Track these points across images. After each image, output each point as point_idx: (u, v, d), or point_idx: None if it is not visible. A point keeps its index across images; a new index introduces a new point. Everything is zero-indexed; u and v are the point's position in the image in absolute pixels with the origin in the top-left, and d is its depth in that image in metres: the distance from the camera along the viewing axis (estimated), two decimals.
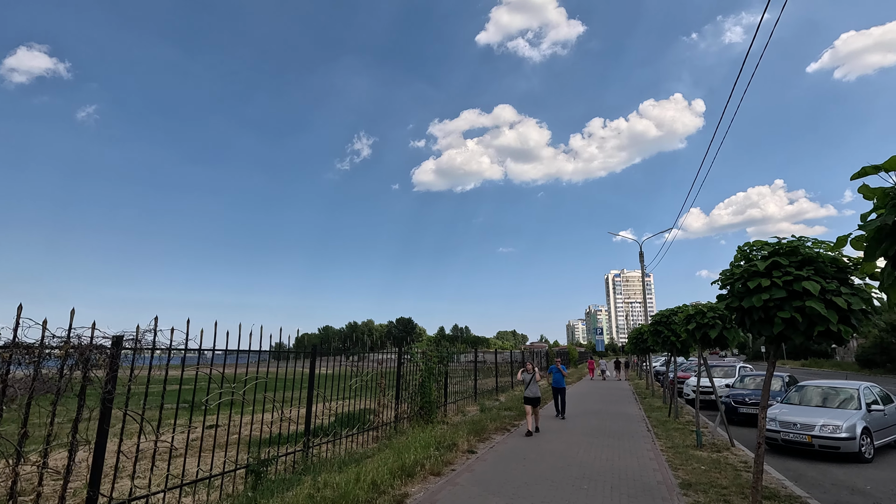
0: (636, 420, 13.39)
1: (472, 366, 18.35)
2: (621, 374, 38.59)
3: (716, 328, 9.53)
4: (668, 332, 13.38)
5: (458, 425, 11.18)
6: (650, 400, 19.00)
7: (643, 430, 11.56)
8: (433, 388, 11.82)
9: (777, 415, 10.12)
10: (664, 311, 13.69)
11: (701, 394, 18.33)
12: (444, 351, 12.78)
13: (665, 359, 39.89)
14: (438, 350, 12.50)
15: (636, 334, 22.09)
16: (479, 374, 20.29)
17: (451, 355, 13.50)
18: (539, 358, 32.42)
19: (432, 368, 11.87)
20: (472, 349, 25.99)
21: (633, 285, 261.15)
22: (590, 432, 11.26)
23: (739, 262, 6.04)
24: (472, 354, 24.90)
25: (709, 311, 9.80)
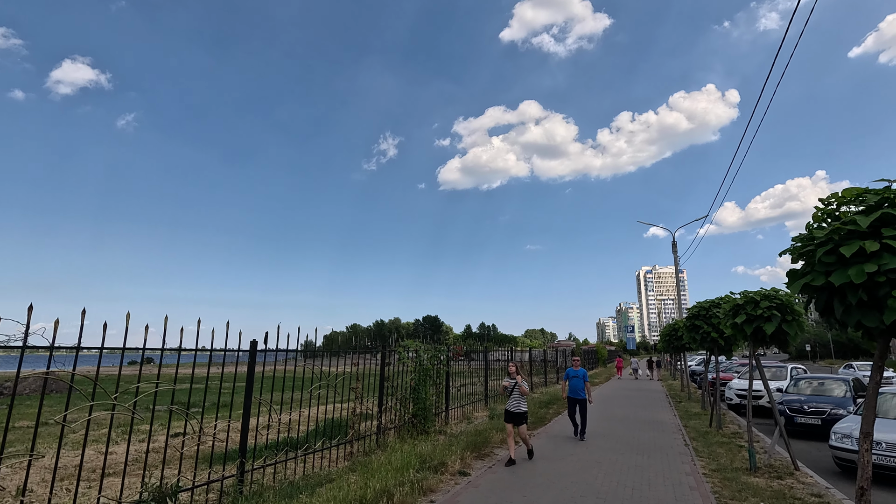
0: (670, 430, 11.43)
1: (489, 366, 16.67)
2: (654, 374, 36.09)
3: (773, 321, 7.57)
4: (707, 328, 11.36)
5: (457, 437, 9.53)
6: (686, 405, 16.86)
7: (679, 445, 9.63)
8: (429, 391, 10.20)
9: (853, 430, 8.06)
10: (703, 302, 11.66)
11: (743, 398, 16.15)
12: (443, 349, 11.14)
13: (703, 358, 37.15)
14: (437, 348, 10.88)
15: (669, 331, 19.90)
16: (492, 374, 18.57)
17: (468, 351, 11.84)
18: (563, 357, 30.33)
19: (428, 370, 10.26)
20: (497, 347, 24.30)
21: (665, 281, 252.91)
22: (614, 447, 9.42)
23: (824, 219, 4.19)
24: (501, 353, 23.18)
25: (762, 299, 7.83)
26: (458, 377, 13.26)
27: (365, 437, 8.11)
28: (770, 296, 7.90)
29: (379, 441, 8.35)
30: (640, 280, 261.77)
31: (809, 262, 4.10)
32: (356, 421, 7.80)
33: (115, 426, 9.02)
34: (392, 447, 8.18)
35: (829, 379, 13.33)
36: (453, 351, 19.84)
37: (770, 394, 8.21)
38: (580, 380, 10.34)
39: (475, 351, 26.30)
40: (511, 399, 8.13)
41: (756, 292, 8.05)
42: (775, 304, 7.73)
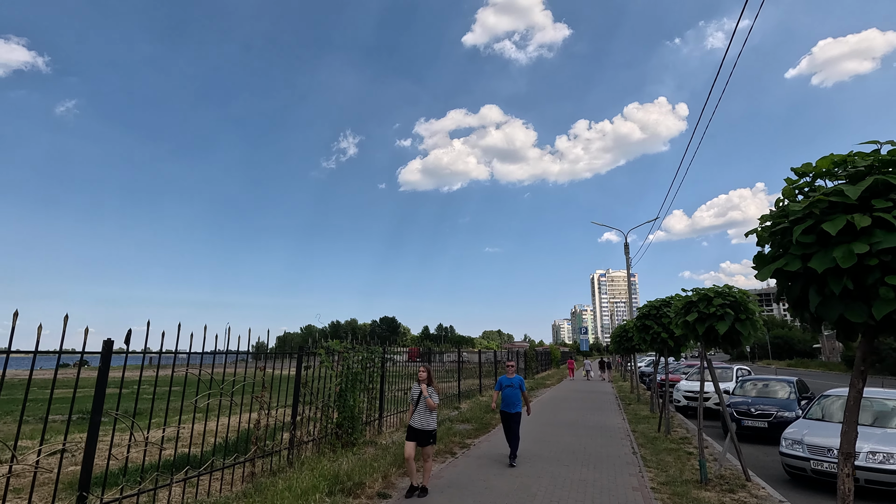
0: (619, 436, 10.85)
1: (455, 366, 15.75)
2: (606, 375, 36.35)
3: (726, 320, 7.00)
4: (657, 328, 10.86)
5: (388, 449, 8.51)
6: (635, 407, 16.52)
7: (627, 454, 8.99)
8: (359, 398, 9.11)
9: (804, 435, 7.63)
10: (654, 301, 11.18)
11: (692, 400, 15.96)
12: (376, 351, 10.07)
13: (652, 359, 37.73)
14: (370, 350, 9.80)
15: (620, 332, 19.64)
16: (446, 376, 17.63)
17: (389, 355, 10.78)
18: (517, 359, 29.82)
19: (358, 374, 9.17)
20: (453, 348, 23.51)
21: (618, 285, 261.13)
22: (558, 457, 8.66)
23: (799, 190, 3.47)
24: (463, 354, 22.20)
25: (716, 296, 7.26)
26: (405, 380, 12.19)
27: (272, 454, 6.93)
28: (723, 293, 7.34)
29: (291, 457, 7.18)
30: (595, 283, 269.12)
31: (782, 243, 3.36)
32: (260, 435, 6.61)
33: None
34: (307, 464, 7.05)
35: (773, 380, 13.20)
36: (409, 352, 18.87)
37: (722, 398, 7.66)
38: (515, 389, 8.44)
39: (432, 352, 25.27)
40: (416, 413, 6.41)
41: (709, 289, 7.48)
42: (728, 302, 7.16)
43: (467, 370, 20.45)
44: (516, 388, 8.46)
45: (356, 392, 9.00)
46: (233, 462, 6.19)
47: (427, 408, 6.38)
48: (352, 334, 10.92)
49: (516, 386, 8.47)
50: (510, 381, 8.55)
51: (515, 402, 8.43)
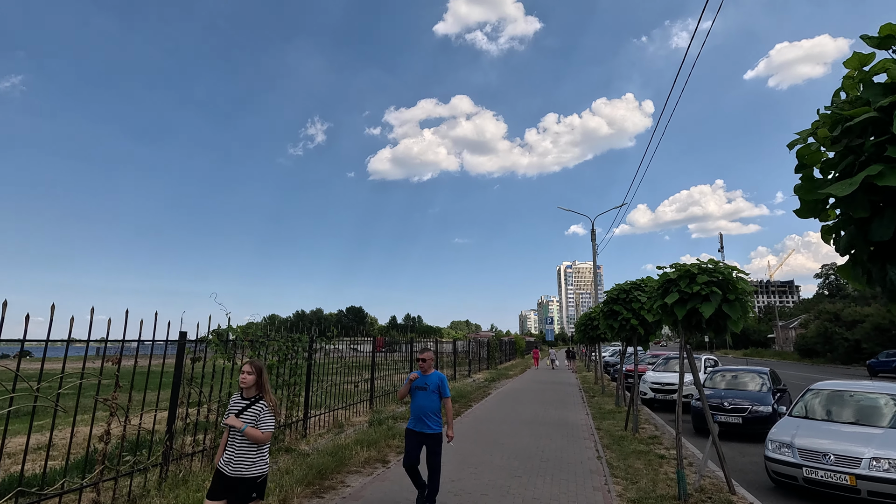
0: (582, 435, 9.63)
1: (404, 360, 14.21)
2: (570, 364, 35.83)
3: (712, 301, 5.74)
4: (627, 314, 9.65)
5: (306, 457, 6.97)
6: (600, 400, 15.49)
7: (591, 458, 7.74)
8: (277, 395, 7.50)
9: (793, 437, 6.52)
10: (623, 284, 9.96)
11: (659, 392, 15.05)
12: (303, 338, 8.44)
13: (619, 349, 37.33)
14: (292, 338, 8.17)
15: (585, 320, 18.59)
16: (399, 367, 16.15)
17: (319, 344, 9.16)
18: (479, 349, 28.65)
19: (273, 366, 7.55)
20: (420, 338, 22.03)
21: (584, 276, 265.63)
22: (510, 465, 7.31)
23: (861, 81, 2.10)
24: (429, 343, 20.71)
25: (700, 272, 6.00)
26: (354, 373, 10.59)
27: (132, 474, 5.25)
28: (708, 269, 6.08)
29: (165, 475, 5.53)
30: (561, 274, 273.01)
31: (863, 150, 1.97)
32: (111, 451, 4.94)
33: None
34: (189, 483, 5.44)
35: (745, 371, 12.32)
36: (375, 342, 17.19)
37: (703, 394, 6.46)
38: (431, 395, 5.19)
39: (397, 342, 23.74)
40: (228, 447, 3.69)
41: (692, 264, 6.21)
42: (715, 280, 5.91)
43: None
44: (432, 394, 5.19)
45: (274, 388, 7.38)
46: (60, 490, 4.50)
47: (250, 440, 3.61)
48: (317, 324, 9.37)
49: (433, 390, 5.19)
50: (424, 381, 5.25)
51: (431, 413, 5.13)
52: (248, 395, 3.80)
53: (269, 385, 3.94)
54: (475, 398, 15.31)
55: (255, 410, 3.68)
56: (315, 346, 9.01)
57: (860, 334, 40.33)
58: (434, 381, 5.29)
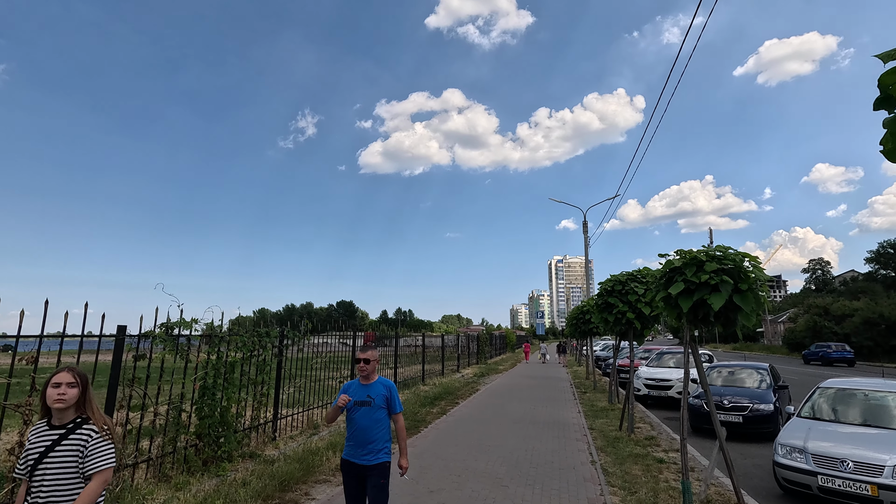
0: (574, 435, 9.03)
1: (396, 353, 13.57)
2: (561, 359, 35.42)
3: (722, 292, 5.11)
4: (622, 306, 9.04)
5: (271, 463, 6.29)
6: (592, 396, 14.94)
7: (584, 463, 7.12)
8: (235, 396, 6.78)
9: (807, 441, 5.94)
10: (619, 275, 9.34)
11: (653, 388, 14.51)
12: (273, 333, 7.70)
13: (610, 343, 36.90)
14: (259, 333, 7.43)
15: (577, 313, 18.04)
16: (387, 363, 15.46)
17: (291, 338, 8.41)
18: (468, 344, 28.04)
19: (235, 364, 6.82)
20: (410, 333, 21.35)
21: (574, 270, 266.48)
22: (496, 471, 6.68)
23: None
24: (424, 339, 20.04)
25: (709, 260, 5.36)
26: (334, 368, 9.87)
27: None
28: (717, 256, 5.45)
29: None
30: (552, 269, 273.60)
31: None
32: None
33: None
34: (120, 501, 4.72)
35: (743, 367, 11.80)
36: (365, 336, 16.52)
37: (708, 392, 5.84)
38: (376, 411, 3.70)
39: (387, 337, 23.09)
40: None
41: (699, 251, 5.57)
42: (726, 268, 5.28)
43: (409, 357, 18.41)
44: (379, 410, 3.69)
45: (231, 389, 6.67)
46: None
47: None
48: (307, 318, 8.67)
49: (379, 404, 3.71)
50: (363, 390, 3.74)
51: (376, 438, 3.65)
52: (63, 419, 2.41)
53: (97, 402, 2.57)
54: (462, 395, 14.68)
55: (75, 444, 2.36)
56: (287, 341, 8.28)
57: (849, 328, 40.36)
58: (380, 391, 3.71)
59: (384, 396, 3.74)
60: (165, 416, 5.75)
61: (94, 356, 4.96)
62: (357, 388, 3.76)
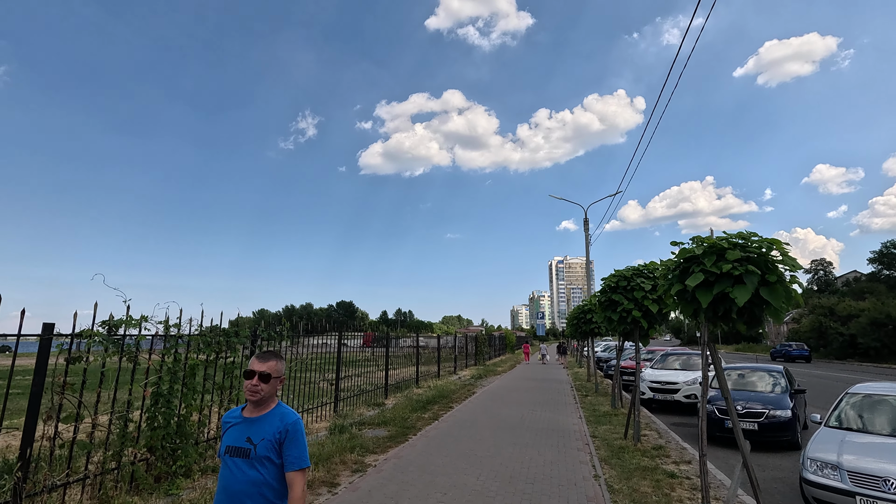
0: (575, 444, 8.31)
1: (383, 356, 12.73)
2: (562, 360, 34.70)
3: (747, 284, 4.39)
4: (628, 303, 8.31)
5: None
6: (594, 400, 14.21)
7: (587, 477, 6.40)
8: (198, 402, 6.07)
9: (841, 456, 5.21)
10: (624, 269, 8.61)
11: (658, 391, 13.78)
12: (242, 333, 6.98)
13: (613, 343, 36.11)
14: (226, 331, 6.70)
15: (578, 313, 17.32)
16: (371, 364, 14.72)
17: (266, 338, 7.68)
18: (466, 345, 27.30)
19: (195, 367, 6.10)
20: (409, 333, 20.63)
21: (575, 271, 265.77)
22: (489, 487, 5.95)
23: None
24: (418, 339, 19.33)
25: (731, 247, 4.64)
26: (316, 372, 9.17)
27: None
28: (740, 243, 4.73)
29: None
30: (552, 269, 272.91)
31: None
32: None
33: None
34: None
35: (755, 370, 11.06)
36: (364, 337, 15.81)
37: (730, 401, 5.11)
38: (258, 466, 2.17)
39: (391, 337, 22.45)
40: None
41: (720, 237, 4.85)
42: (751, 257, 4.57)
43: (403, 358, 17.71)
44: (261, 465, 2.18)
45: (192, 395, 5.96)
46: None
47: None
48: (307, 318, 7.97)
49: (261, 454, 2.18)
50: (245, 431, 2.24)
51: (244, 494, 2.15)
52: None
53: None
54: (457, 398, 13.95)
55: None
56: (259, 342, 7.55)
57: (856, 329, 39.55)
58: (269, 432, 2.22)
59: (273, 442, 2.20)
60: (108, 428, 5.03)
61: (12, 359, 4.23)
62: (237, 425, 2.29)
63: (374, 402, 12.15)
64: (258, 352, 3.36)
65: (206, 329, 6.43)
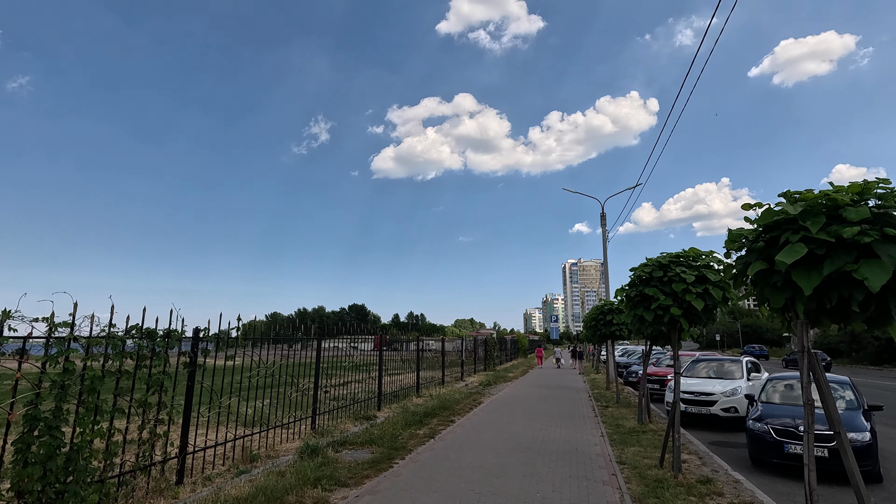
0: (598, 475, 6.67)
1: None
2: (577, 365, 32.80)
3: (881, 260, 2.78)
4: (665, 298, 6.62)
5: None
6: (615, 412, 12.52)
7: None
8: (102, 426, 4.61)
9: None
10: (659, 257, 6.95)
11: (692, 404, 12.01)
12: (172, 334, 5.51)
13: (631, 348, 33.97)
14: (148, 331, 5.24)
15: (596, 314, 15.63)
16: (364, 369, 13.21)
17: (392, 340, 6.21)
18: (475, 349, 25.67)
19: (95, 380, 4.62)
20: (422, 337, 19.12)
21: (589, 274, 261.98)
22: None
23: None
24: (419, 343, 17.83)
25: (852, 204, 3.03)
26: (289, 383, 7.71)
27: None
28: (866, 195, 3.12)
29: None
30: (566, 272, 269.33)
31: None
32: None
33: None
34: None
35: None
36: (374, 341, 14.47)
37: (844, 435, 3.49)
38: None
39: (398, 340, 21.08)
40: None
41: (832, 190, 3.24)
42: (887, 215, 2.96)
43: (403, 363, 16.19)
44: None
45: (91, 417, 4.49)
46: None
47: None
48: (319, 321, 6.61)
49: None
50: None
51: None
52: None
53: None
54: (461, 410, 12.38)
55: None
56: (206, 347, 6.08)
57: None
58: None
59: None
60: None
61: None
62: None
63: (364, 414, 10.63)
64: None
65: (121, 330, 4.97)
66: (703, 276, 6.30)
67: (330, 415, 9.58)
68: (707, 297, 6.25)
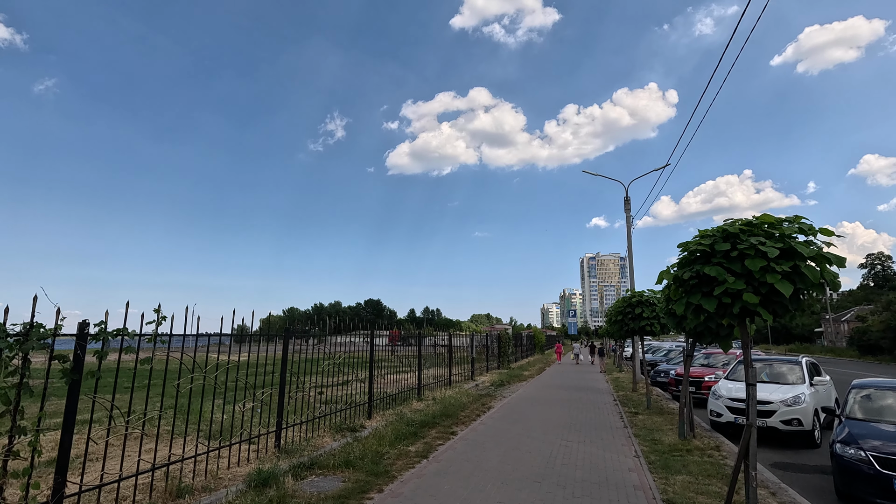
0: None
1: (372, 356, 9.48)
2: (596, 361, 30.77)
3: None
4: (734, 281, 4.75)
5: None
6: (647, 420, 10.66)
7: None
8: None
9: None
10: (726, 224, 5.09)
11: (741, 413, 10.11)
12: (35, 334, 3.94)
13: (652, 343, 31.78)
14: None
15: (622, 306, 13.75)
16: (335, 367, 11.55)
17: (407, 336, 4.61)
18: (488, 345, 23.89)
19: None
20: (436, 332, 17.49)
21: (607, 268, 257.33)
22: None
23: None
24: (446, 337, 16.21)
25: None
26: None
27: None
28: None
29: None
30: (584, 266, 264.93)
31: None
32: None
33: None
34: None
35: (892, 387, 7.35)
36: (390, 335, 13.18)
37: None
38: None
39: (412, 335, 19.45)
40: None
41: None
42: None
43: (405, 361, 14.51)
44: None
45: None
46: None
47: None
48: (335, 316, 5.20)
49: None
50: None
51: None
52: None
53: None
54: (466, 417, 10.66)
55: None
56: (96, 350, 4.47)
57: None
58: None
59: None
60: None
61: None
62: None
63: (349, 424, 8.98)
64: None
65: None
66: (792, 249, 4.43)
67: (308, 425, 7.97)
68: (798, 277, 4.37)
